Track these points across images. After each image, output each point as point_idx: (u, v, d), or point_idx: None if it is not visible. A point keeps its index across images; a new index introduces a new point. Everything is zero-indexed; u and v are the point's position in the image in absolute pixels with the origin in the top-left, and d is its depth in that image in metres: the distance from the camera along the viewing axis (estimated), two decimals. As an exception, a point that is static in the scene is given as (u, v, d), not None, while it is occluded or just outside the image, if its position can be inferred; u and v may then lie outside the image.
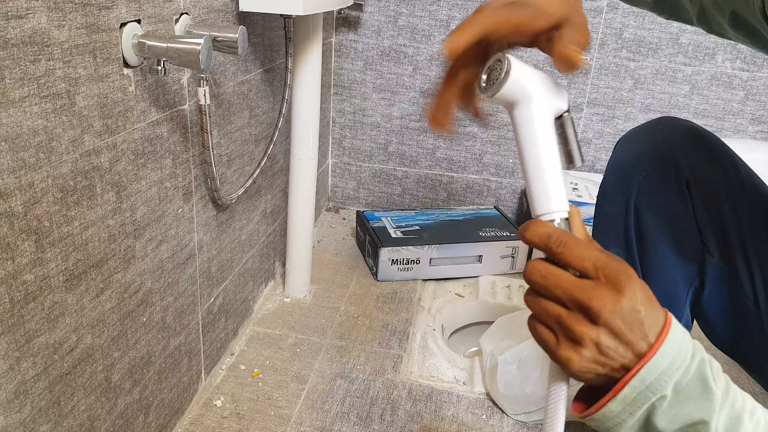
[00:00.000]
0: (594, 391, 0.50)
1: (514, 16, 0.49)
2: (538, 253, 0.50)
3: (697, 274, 0.82)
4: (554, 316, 0.46)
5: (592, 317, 0.44)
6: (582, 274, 0.46)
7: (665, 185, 0.78)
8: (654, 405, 0.45)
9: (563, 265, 0.47)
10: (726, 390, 0.46)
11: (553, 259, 0.48)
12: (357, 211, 1.77)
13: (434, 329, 1.38)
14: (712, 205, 0.78)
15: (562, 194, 0.51)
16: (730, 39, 0.72)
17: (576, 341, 0.45)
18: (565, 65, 0.49)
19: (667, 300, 0.83)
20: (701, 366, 0.46)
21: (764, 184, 0.81)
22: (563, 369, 0.47)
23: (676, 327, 0.46)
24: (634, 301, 0.44)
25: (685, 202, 0.78)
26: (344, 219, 1.91)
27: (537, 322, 0.49)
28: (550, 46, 0.51)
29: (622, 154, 0.84)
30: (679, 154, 0.78)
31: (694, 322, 0.89)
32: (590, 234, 0.73)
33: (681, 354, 0.45)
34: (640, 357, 0.45)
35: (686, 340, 0.46)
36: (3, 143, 0.59)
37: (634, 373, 0.44)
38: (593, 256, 0.46)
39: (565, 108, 0.51)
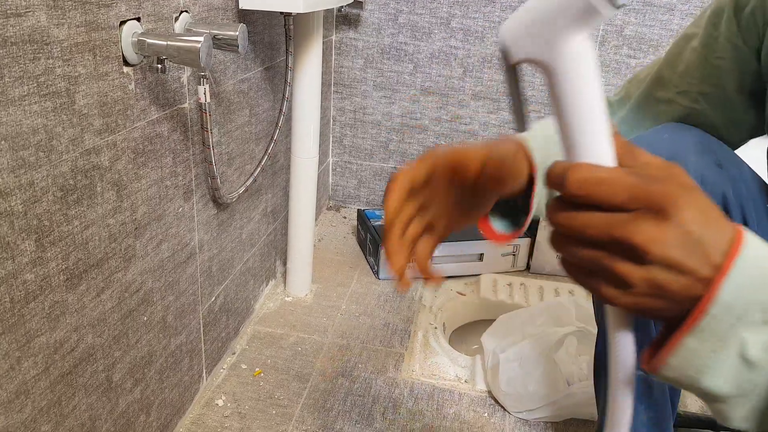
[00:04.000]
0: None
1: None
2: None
3: None
4: (591, 262, 0.40)
5: (638, 255, 0.38)
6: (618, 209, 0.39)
7: None
8: (744, 338, 0.39)
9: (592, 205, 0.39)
10: None
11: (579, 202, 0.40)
12: (358, 209, 1.76)
13: (436, 327, 1.38)
14: None
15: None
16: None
17: (623, 284, 0.39)
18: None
19: None
20: None
21: None
22: (610, 304, 0.41)
23: (751, 239, 0.39)
24: (685, 224, 0.38)
25: None
26: (345, 218, 1.91)
27: (571, 266, 0.42)
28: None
29: None
30: (687, 167, 0.77)
31: None
32: None
33: (763, 269, 0.38)
34: (707, 283, 0.38)
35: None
36: (3, 142, 0.59)
37: (708, 299, 0.38)
38: (626, 183, 0.39)
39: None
